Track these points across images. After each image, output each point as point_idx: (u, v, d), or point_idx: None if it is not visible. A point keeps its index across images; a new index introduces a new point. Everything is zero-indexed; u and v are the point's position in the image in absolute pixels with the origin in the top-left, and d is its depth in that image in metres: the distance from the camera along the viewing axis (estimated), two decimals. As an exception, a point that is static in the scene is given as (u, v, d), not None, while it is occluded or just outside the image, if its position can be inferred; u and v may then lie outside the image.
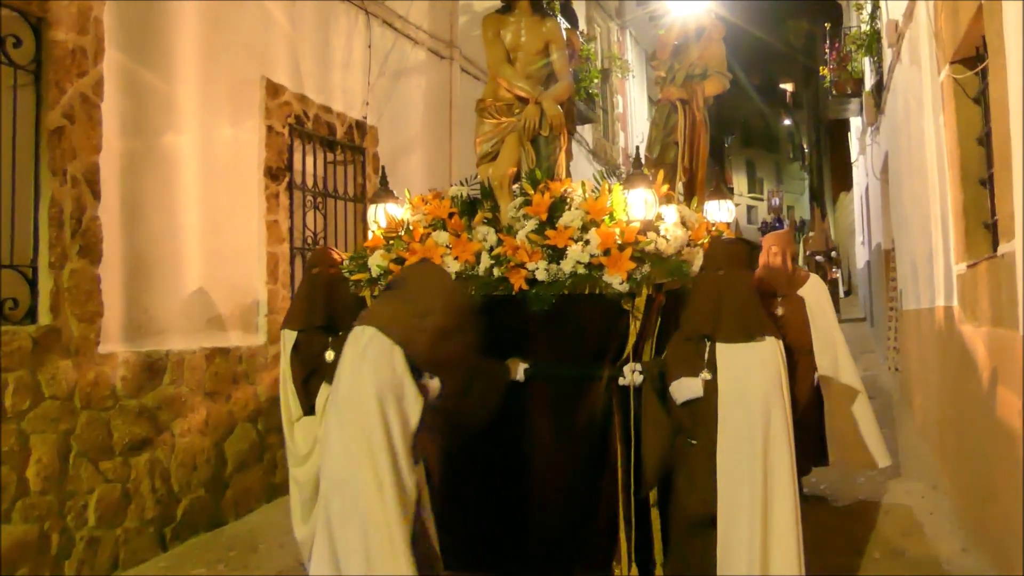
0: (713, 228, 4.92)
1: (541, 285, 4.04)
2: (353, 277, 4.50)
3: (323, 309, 4.54)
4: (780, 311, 4.94)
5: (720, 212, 6.10)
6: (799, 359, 4.81)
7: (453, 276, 4.07)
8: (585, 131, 14.44)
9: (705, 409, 3.55)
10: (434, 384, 3.24)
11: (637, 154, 4.62)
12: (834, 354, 5.26)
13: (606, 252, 3.99)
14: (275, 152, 6.57)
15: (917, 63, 6.48)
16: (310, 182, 7.16)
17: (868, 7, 10.78)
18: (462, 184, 4.77)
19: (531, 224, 4.23)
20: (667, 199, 4.62)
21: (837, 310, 16.35)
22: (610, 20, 16.94)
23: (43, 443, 4.54)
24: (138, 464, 5.17)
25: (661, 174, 4.75)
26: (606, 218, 4.17)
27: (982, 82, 4.82)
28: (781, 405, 3.46)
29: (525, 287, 4.06)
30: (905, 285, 8.88)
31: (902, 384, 9.75)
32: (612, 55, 16.29)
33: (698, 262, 4.19)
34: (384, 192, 4.99)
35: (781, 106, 44.03)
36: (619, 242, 4.01)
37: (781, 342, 3.60)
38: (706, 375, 3.56)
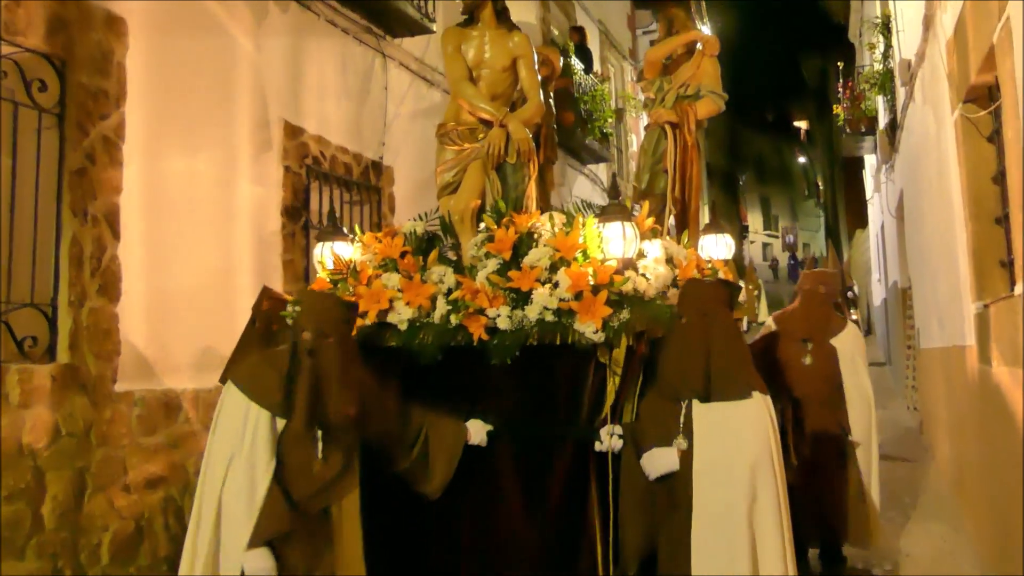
0: (708, 266, 4.45)
1: (503, 334, 3.52)
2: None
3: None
4: (808, 360, 4.63)
5: (718, 248, 5.38)
6: (822, 415, 4.59)
7: (405, 324, 3.67)
8: (599, 170, 14.52)
9: (683, 485, 3.05)
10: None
11: (614, 181, 4.14)
12: (869, 418, 4.74)
13: (577, 296, 3.49)
14: (292, 192, 6.65)
15: (930, 102, 6.51)
16: (326, 221, 7.22)
17: (881, 46, 10.84)
18: (419, 219, 4.31)
19: (492, 264, 3.72)
20: (653, 233, 4.19)
21: None
22: (623, 59, 17.09)
23: (59, 480, 4.56)
24: (152, 502, 5.18)
25: (647, 205, 4.30)
26: (578, 256, 3.67)
27: (996, 121, 4.83)
28: (771, 476, 2.99)
29: (485, 337, 3.54)
30: (922, 324, 8.84)
31: (921, 423, 9.66)
32: (626, 95, 16.41)
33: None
34: (332, 229, 4.53)
35: (796, 143, 44.14)
36: (592, 283, 3.51)
37: (769, 398, 3.14)
38: (681, 443, 3.06)
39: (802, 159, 44.59)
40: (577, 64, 12.55)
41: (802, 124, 42.96)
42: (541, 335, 3.50)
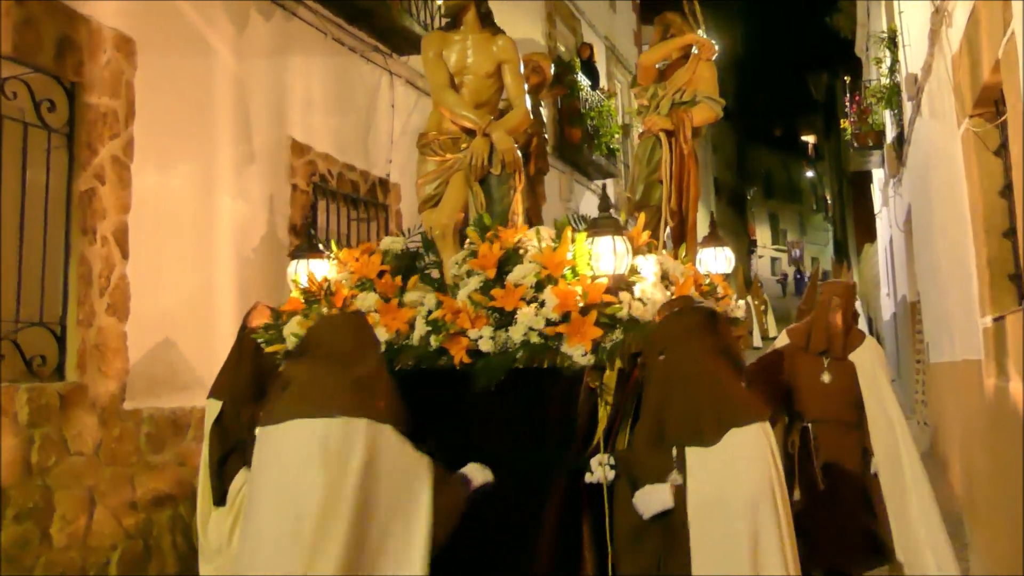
0: (706, 282, 4.26)
1: (487, 357, 3.28)
2: (269, 349, 3.74)
3: (251, 376, 3.85)
4: (826, 378, 4.39)
5: (716, 262, 5.17)
6: (842, 436, 4.36)
7: (382, 347, 3.31)
8: (607, 185, 14.56)
9: (680, 522, 2.81)
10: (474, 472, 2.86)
11: (604, 193, 3.78)
12: (894, 437, 4.31)
13: (565, 316, 3.24)
14: (299, 210, 6.67)
15: (937, 116, 6.51)
16: (334, 239, 7.24)
17: (887, 61, 10.85)
18: (401, 235, 4.12)
19: (475, 281, 3.48)
20: (648, 248, 3.95)
21: None
22: (630, 75, 17.14)
23: (67, 499, 4.56)
24: (160, 520, 5.17)
25: (642, 218, 4.12)
26: (567, 272, 3.43)
27: (1002, 135, 4.82)
28: (773, 512, 2.73)
29: (467, 360, 3.30)
30: (932, 338, 8.80)
31: (931, 439, 9.61)
32: (632, 111, 16.44)
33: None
34: (308, 246, 4.28)
35: (803, 158, 44.19)
36: (581, 303, 3.27)
37: (768, 424, 2.87)
38: (676, 478, 2.80)
39: (810, 173, 44.63)
40: (584, 80, 12.59)
41: (810, 139, 43.02)
42: (527, 358, 3.25)
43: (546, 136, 5.37)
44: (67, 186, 4.74)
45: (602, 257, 3.47)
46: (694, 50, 5.21)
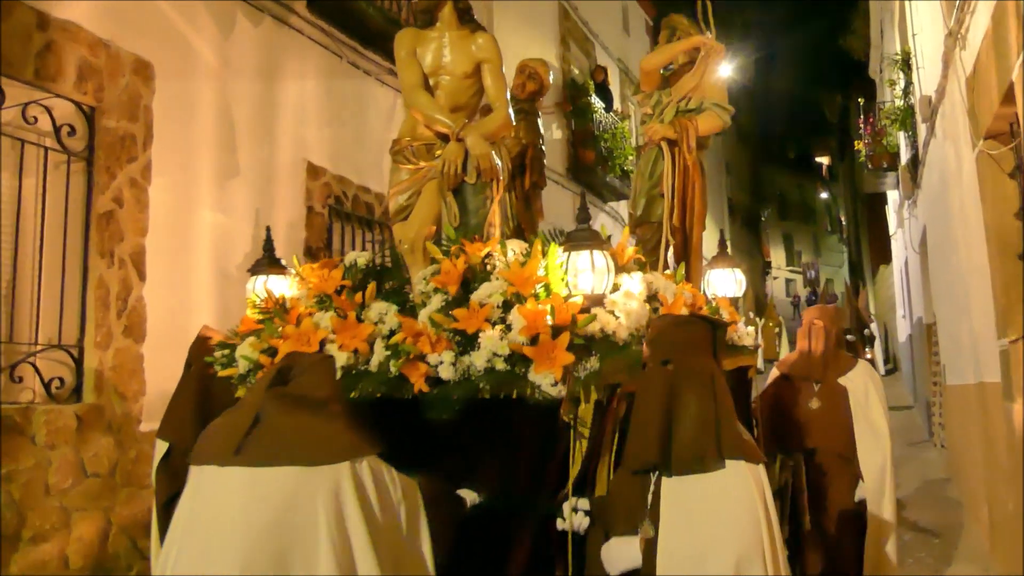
0: (708, 304, 3.87)
1: (446, 386, 2.90)
2: (222, 373, 3.34)
3: (198, 414, 3.30)
4: (815, 404, 4.10)
5: (726, 284, 4.67)
6: (835, 469, 4.05)
7: (339, 372, 2.89)
8: (620, 207, 14.59)
9: None
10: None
11: (583, 202, 3.31)
12: (883, 464, 4.06)
13: (534, 339, 2.85)
14: (315, 232, 6.71)
15: (951, 138, 6.50)
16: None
17: (901, 83, 10.85)
18: (372, 247, 3.74)
19: (437, 301, 3.11)
20: (639, 265, 3.59)
21: None
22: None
23: (84, 520, 4.58)
24: (176, 542, 5.18)
25: (626, 231, 3.77)
26: (540, 291, 3.05)
27: (1017, 157, 4.82)
28: (760, 567, 2.27)
29: (426, 388, 2.91)
30: (948, 360, 8.74)
31: (948, 462, 9.52)
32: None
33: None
34: (267, 261, 3.92)
35: (818, 179, 44.13)
36: (551, 324, 2.87)
37: (761, 467, 2.45)
38: (647, 530, 2.35)
39: (824, 194, 44.54)
40: (598, 103, 12.66)
41: (824, 160, 42.97)
42: (492, 387, 2.86)
43: (543, 147, 5.08)
44: (86, 209, 4.79)
45: (580, 274, 3.09)
46: (701, 54, 4.80)
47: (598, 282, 3.09)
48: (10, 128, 4.42)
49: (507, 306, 3.00)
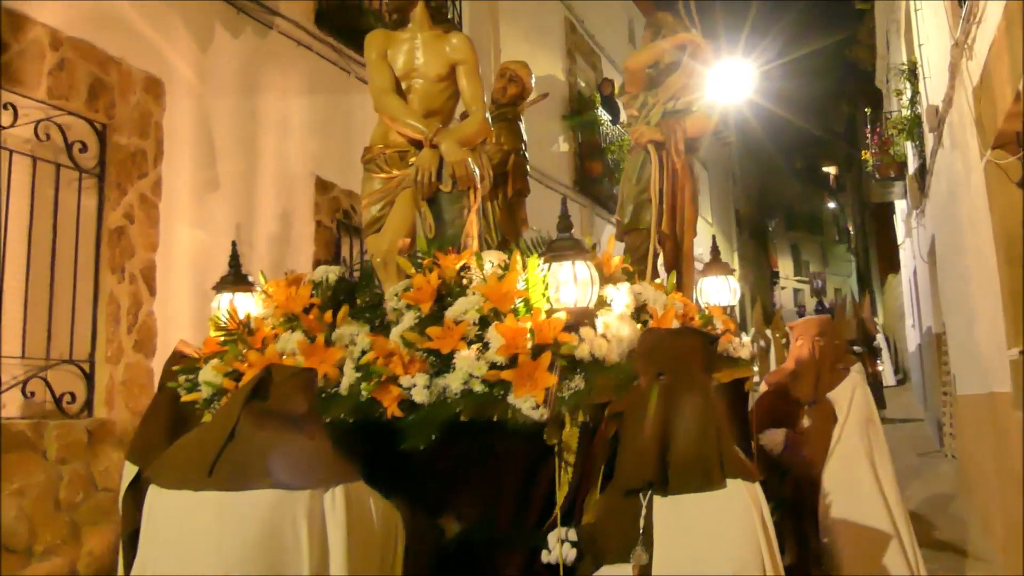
0: (700, 315, 3.67)
1: (420, 410, 2.66)
2: (186, 398, 3.10)
3: (170, 436, 2.93)
4: (806, 421, 3.83)
5: (720, 293, 4.41)
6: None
7: None
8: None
9: None
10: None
11: (563, 208, 3.06)
12: (850, 475, 3.66)
13: (513, 360, 2.62)
14: (324, 246, 6.74)
15: (959, 147, 6.50)
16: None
17: (908, 92, 10.85)
18: (340, 263, 3.39)
19: (409, 318, 2.86)
20: (626, 275, 3.36)
21: (882, 406, 15.05)
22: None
23: (95, 535, 4.60)
24: (186, 556, 5.19)
25: (611, 240, 3.54)
26: (519, 306, 2.81)
27: (1025, 167, 4.83)
28: None
29: (399, 413, 2.66)
30: (958, 370, 8.71)
31: (960, 472, 9.47)
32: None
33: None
34: (232, 277, 3.66)
35: (825, 189, 44.06)
36: (532, 343, 2.64)
37: (757, 485, 2.31)
38: (641, 556, 2.19)
39: (831, 204, 44.48)
40: (604, 115, 12.69)
41: (831, 170, 42.92)
42: (469, 411, 2.63)
43: (526, 153, 4.83)
44: (97, 225, 4.83)
45: (562, 287, 2.84)
46: (688, 51, 4.61)
47: (581, 295, 2.84)
48: (18, 142, 4.45)
49: (484, 323, 2.77)
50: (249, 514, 1.96)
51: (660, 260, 4.48)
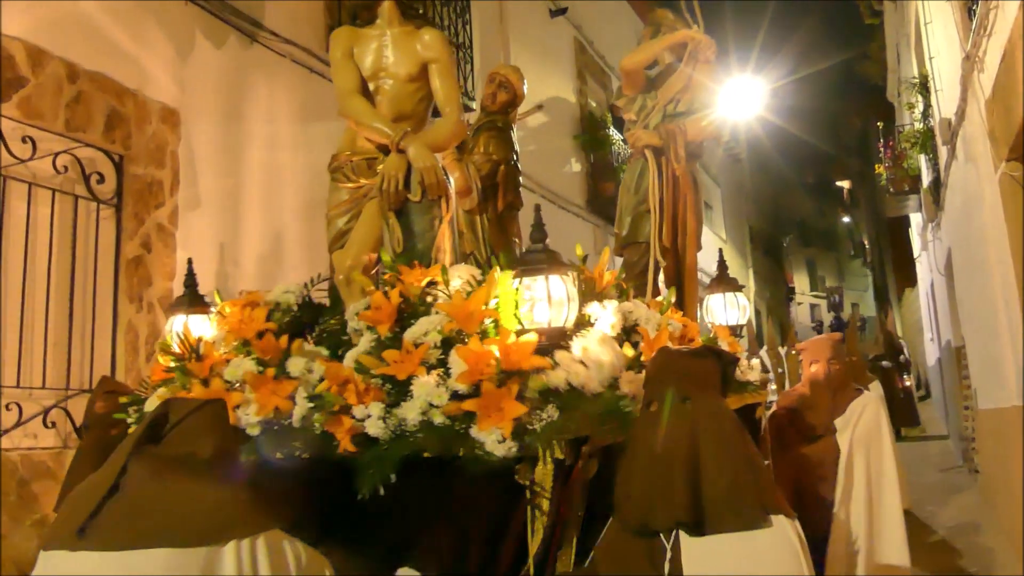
0: (704, 337, 3.33)
1: (377, 446, 2.33)
2: (133, 431, 2.45)
3: None
4: (815, 449, 3.57)
5: (727, 312, 4.04)
6: (840, 526, 3.49)
7: (257, 429, 2.54)
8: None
9: None
10: None
11: (537, 216, 2.69)
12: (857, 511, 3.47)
13: (477, 388, 2.31)
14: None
15: (973, 160, 6.48)
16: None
17: (920, 106, 10.84)
18: (310, 283, 3.17)
19: (365, 341, 2.56)
20: (620, 291, 3.09)
21: (915, 422, 14.72)
22: (662, 128, 17.25)
23: (116, 564, 4.60)
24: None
25: (606, 253, 3.24)
26: (489, 327, 2.49)
27: (1040, 179, 4.81)
28: None
29: (352, 448, 2.35)
30: (979, 384, 8.64)
31: (983, 486, 9.37)
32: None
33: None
34: (188, 297, 3.36)
35: (838, 204, 43.95)
36: (498, 369, 2.32)
37: (797, 523, 2.02)
38: None
39: (846, 219, 44.36)
40: (615, 135, 12.73)
41: (844, 184, 42.83)
42: (429, 446, 2.30)
43: (518, 164, 4.48)
44: (115, 255, 4.87)
45: (536, 304, 2.52)
46: (689, 50, 4.29)
47: (556, 314, 2.52)
48: (37, 175, 4.50)
49: (448, 345, 2.45)
50: None
51: (660, 276, 4.16)
